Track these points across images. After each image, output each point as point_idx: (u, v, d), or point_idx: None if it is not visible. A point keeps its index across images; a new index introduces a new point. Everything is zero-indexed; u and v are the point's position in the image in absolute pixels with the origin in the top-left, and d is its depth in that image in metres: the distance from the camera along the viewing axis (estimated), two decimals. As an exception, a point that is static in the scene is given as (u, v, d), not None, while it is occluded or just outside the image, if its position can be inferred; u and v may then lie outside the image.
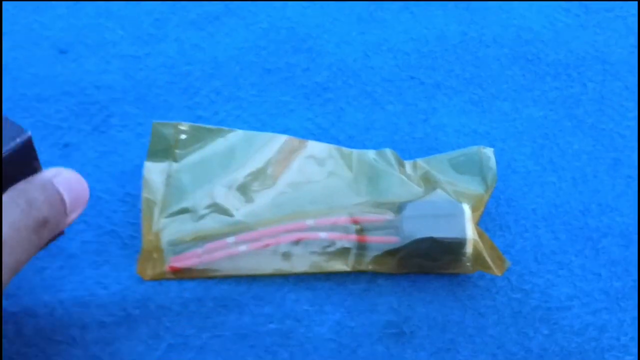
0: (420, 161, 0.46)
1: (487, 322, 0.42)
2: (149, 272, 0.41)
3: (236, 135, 0.45)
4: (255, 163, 0.44)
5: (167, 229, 0.41)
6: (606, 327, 0.42)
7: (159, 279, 0.41)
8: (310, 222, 0.42)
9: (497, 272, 0.41)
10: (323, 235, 0.41)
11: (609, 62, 0.55)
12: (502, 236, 0.45)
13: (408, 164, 0.46)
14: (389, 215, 0.42)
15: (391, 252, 0.41)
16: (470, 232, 0.40)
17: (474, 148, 0.46)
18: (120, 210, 0.44)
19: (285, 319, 0.41)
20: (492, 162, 0.45)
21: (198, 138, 0.45)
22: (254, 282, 0.42)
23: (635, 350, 0.41)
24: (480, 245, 0.41)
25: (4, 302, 0.39)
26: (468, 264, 0.41)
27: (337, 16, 0.57)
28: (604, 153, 0.50)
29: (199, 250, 0.41)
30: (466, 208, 0.41)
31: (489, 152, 0.45)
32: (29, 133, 0.30)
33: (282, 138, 0.45)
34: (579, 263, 0.45)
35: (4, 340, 0.38)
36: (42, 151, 0.41)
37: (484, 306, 0.42)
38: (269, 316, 0.41)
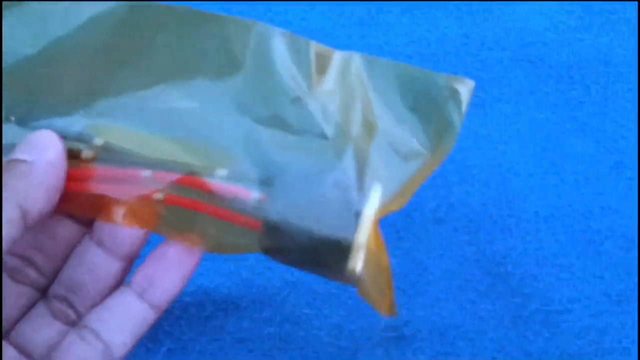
0: (358, 62, 0.30)
1: (487, 326, 0.42)
2: None
3: None
4: None
5: None
6: (608, 330, 0.42)
7: None
8: (146, 172, 0.26)
9: (381, 308, 0.28)
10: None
11: (612, 65, 0.55)
12: (503, 239, 0.46)
13: (334, 69, 0.29)
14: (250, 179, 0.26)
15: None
16: (362, 234, 0.25)
17: (442, 76, 0.30)
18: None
19: (284, 323, 0.41)
20: (464, 102, 0.29)
21: None
22: (253, 286, 0.42)
23: (637, 353, 0.41)
24: (372, 260, 0.26)
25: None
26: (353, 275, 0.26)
27: (338, 19, 0.57)
28: (607, 155, 0.50)
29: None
30: (376, 193, 0.26)
31: (463, 86, 0.29)
32: None
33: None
34: (581, 266, 0.45)
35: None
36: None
37: (483, 310, 0.43)
38: (268, 320, 0.41)
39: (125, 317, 0.27)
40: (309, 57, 0.28)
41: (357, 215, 0.25)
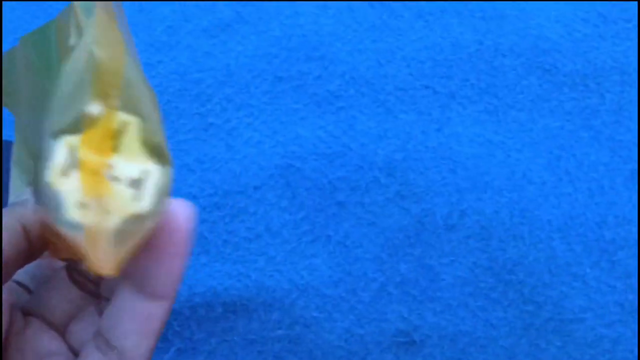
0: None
1: (498, 334, 0.43)
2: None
3: None
4: None
5: None
6: (620, 339, 0.43)
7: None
8: None
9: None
10: None
11: (627, 73, 0.56)
12: (516, 247, 0.47)
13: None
14: None
15: None
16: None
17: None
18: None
19: (294, 325, 0.42)
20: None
21: None
22: (262, 288, 0.43)
23: (650, 363, 0.42)
24: None
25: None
26: None
27: (350, 24, 0.59)
28: (622, 165, 0.51)
29: None
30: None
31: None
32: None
33: None
34: (594, 275, 0.46)
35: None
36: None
37: (495, 317, 0.44)
38: (278, 322, 0.42)
39: (128, 317, 0.26)
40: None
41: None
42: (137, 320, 0.25)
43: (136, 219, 0.21)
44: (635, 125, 0.53)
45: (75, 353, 0.28)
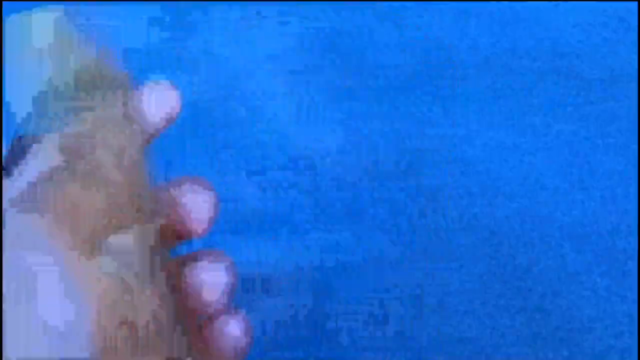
0: None
1: (505, 342, 0.43)
2: None
3: None
4: None
5: None
6: (628, 351, 0.43)
7: None
8: None
9: None
10: None
11: (646, 80, 0.56)
12: (526, 253, 0.46)
13: None
14: None
15: None
16: None
17: None
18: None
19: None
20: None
21: None
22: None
23: (658, 376, 0.42)
24: None
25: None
26: None
27: (370, 22, 0.58)
28: (635, 173, 0.50)
29: None
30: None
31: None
32: None
33: None
34: (604, 284, 0.45)
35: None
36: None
37: (502, 325, 0.43)
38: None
39: None
40: None
41: None
42: None
43: None
44: (652, 133, 0.53)
45: None
